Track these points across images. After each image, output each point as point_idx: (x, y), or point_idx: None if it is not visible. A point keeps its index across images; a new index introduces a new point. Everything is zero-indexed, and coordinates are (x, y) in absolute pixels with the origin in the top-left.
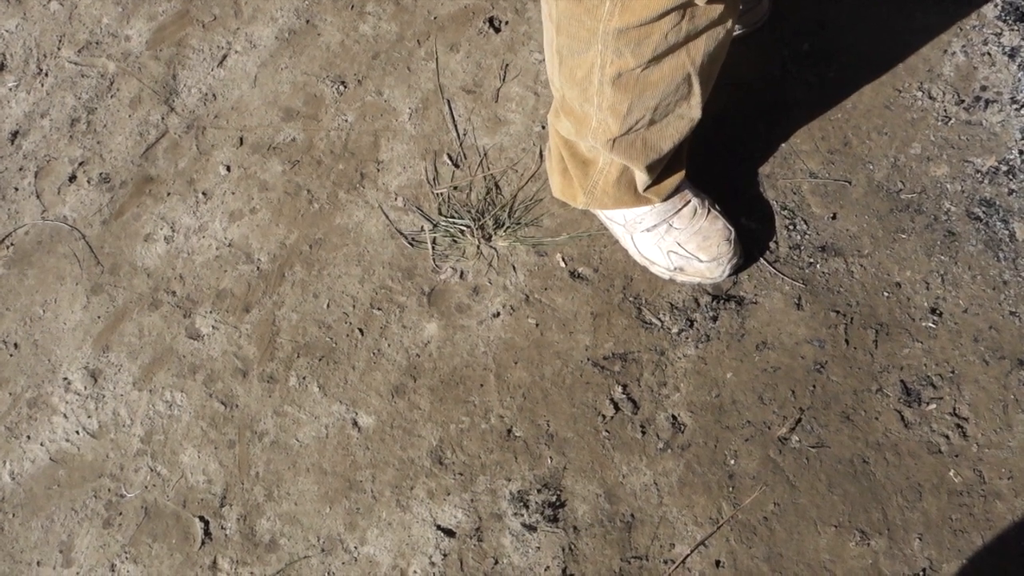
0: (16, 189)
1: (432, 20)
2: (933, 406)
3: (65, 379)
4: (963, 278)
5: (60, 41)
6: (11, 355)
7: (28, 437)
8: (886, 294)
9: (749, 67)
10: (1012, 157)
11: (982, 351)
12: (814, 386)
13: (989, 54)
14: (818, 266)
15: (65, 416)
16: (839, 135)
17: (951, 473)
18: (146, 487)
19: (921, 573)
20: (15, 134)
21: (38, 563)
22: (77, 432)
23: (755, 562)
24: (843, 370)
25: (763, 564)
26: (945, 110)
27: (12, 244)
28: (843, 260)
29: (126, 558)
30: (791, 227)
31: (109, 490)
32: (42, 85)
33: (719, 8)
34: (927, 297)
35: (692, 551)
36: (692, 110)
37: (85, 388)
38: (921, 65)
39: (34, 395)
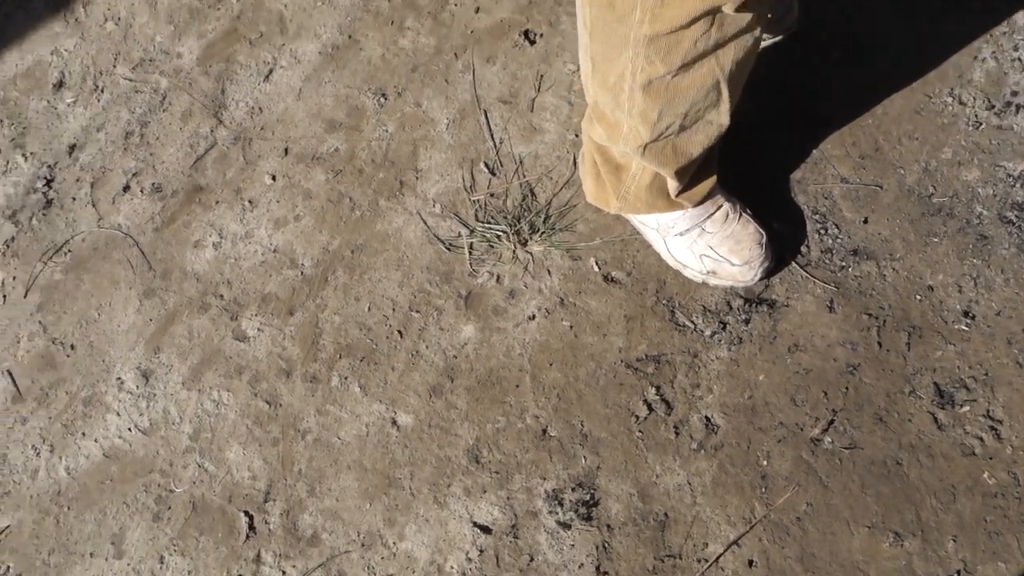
0: (73, 199)
1: (469, 34)
2: (967, 408)
3: (118, 379)
4: (996, 281)
5: (115, 59)
6: (68, 356)
7: (83, 434)
8: (918, 297)
9: (779, 74)
10: None
11: (1015, 353)
12: (847, 388)
13: (1020, 59)
14: (850, 269)
15: (118, 414)
16: (870, 140)
17: (985, 475)
18: (194, 483)
19: (955, 575)
20: (73, 147)
21: (91, 554)
22: (129, 429)
23: (788, 562)
24: (876, 372)
25: (796, 564)
26: (976, 115)
27: (70, 251)
28: (875, 263)
29: (174, 551)
30: (822, 231)
31: (159, 485)
32: (98, 101)
33: (747, 16)
34: (960, 300)
35: (725, 550)
36: (721, 116)
37: (137, 387)
38: (951, 71)
39: (89, 394)
